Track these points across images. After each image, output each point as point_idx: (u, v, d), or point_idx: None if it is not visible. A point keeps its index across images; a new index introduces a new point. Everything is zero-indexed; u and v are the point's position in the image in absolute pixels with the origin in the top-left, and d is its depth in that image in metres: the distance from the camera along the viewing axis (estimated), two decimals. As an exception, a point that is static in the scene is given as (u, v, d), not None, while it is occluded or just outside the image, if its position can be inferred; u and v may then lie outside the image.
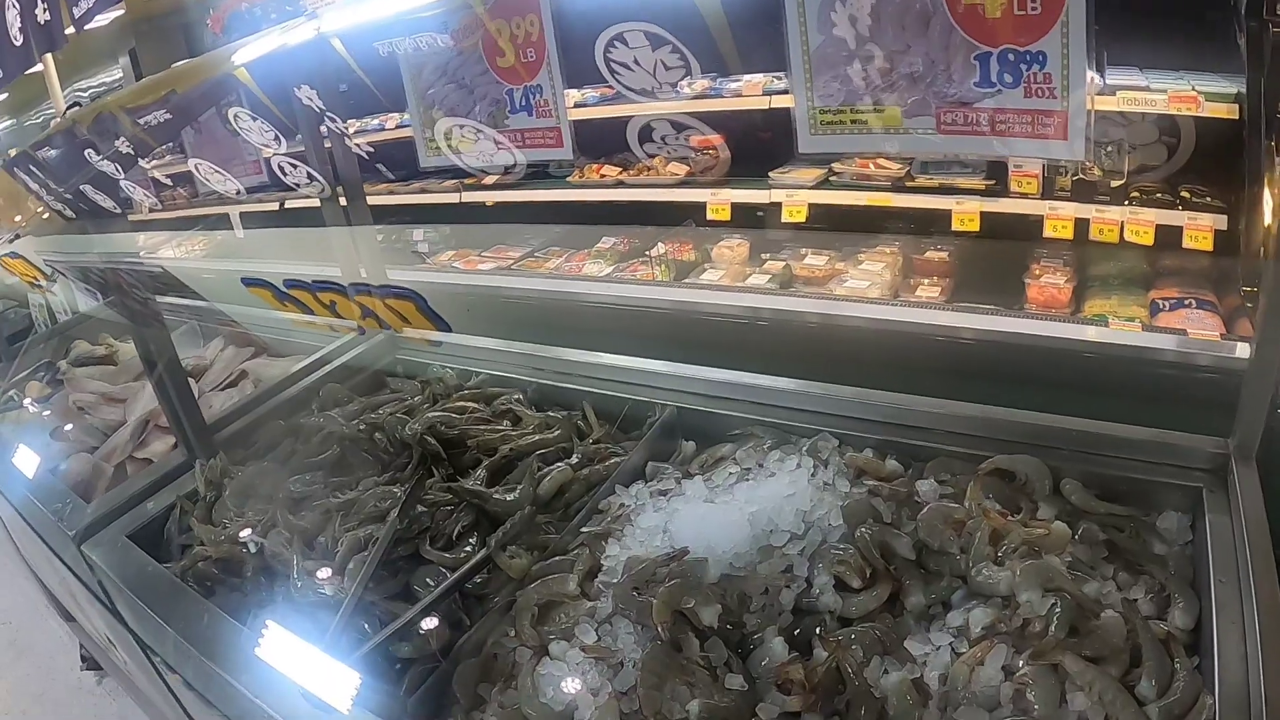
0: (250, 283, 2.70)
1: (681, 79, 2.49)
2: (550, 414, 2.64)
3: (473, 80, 2.59)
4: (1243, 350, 2.93)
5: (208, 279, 4.98)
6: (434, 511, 2.25)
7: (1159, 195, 3.62)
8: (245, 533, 2.37)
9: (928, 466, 2.19)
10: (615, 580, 1.93)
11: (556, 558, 2.06)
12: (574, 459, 2.41)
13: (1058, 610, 1.65)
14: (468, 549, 2.15)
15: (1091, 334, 3.30)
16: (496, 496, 2.24)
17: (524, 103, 2.52)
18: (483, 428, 2.58)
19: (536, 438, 2.49)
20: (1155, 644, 1.64)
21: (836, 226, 4.34)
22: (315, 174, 3.06)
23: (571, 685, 1.74)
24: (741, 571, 1.90)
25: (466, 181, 5.09)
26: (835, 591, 1.84)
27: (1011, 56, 1.82)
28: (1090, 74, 1.78)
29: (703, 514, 2.05)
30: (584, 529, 2.14)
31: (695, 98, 4.30)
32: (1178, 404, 2.94)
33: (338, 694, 1.71)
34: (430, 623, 1.96)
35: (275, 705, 1.82)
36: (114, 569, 2.39)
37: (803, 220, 4.27)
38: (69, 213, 3.88)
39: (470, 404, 2.73)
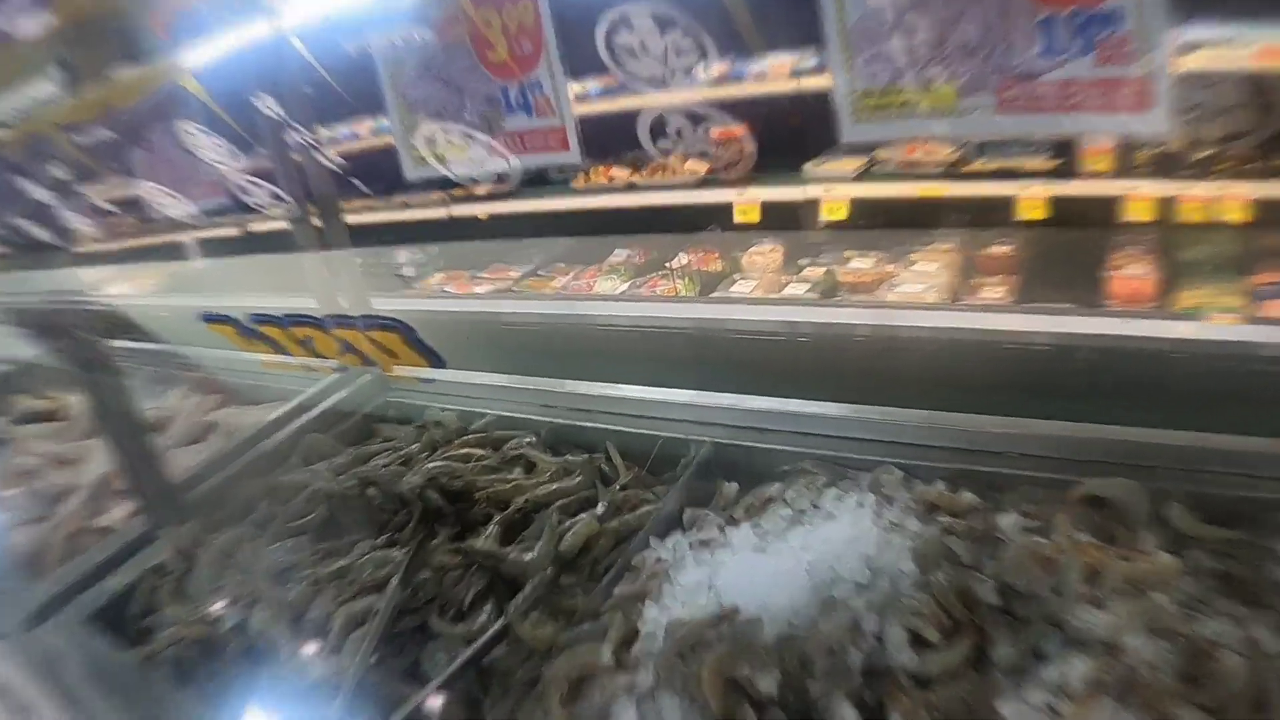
0: (212, 319, 2.72)
1: (696, 63, 2.49)
2: (569, 458, 2.64)
3: (461, 77, 2.60)
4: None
5: (164, 317, 5.00)
6: (441, 577, 2.25)
7: (1252, 165, 3.58)
8: (224, 610, 2.37)
9: (1007, 497, 2.16)
10: (656, 648, 1.91)
11: (586, 624, 2.05)
12: (599, 509, 2.39)
13: (1170, 656, 1.63)
14: (483, 619, 2.14)
15: (1192, 330, 3.28)
16: (513, 557, 2.23)
17: (521, 101, 2.53)
18: (492, 477, 2.57)
19: (555, 486, 2.48)
20: None
21: (883, 224, 4.34)
22: (280, 193, 3.06)
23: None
24: (801, 630, 1.87)
25: (455, 193, 5.09)
26: (911, 647, 1.81)
27: (1081, 19, 1.81)
28: (1174, 33, 1.77)
29: (753, 565, 2.03)
30: (616, 590, 2.13)
31: (713, 84, 4.32)
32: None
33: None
34: (443, 705, 1.95)
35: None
36: (73, 657, 2.36)
37: (844, 218, 4.26)
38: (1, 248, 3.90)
39: (476, 450, 2.73)
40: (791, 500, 2.27)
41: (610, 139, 4.75)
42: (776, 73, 4.27)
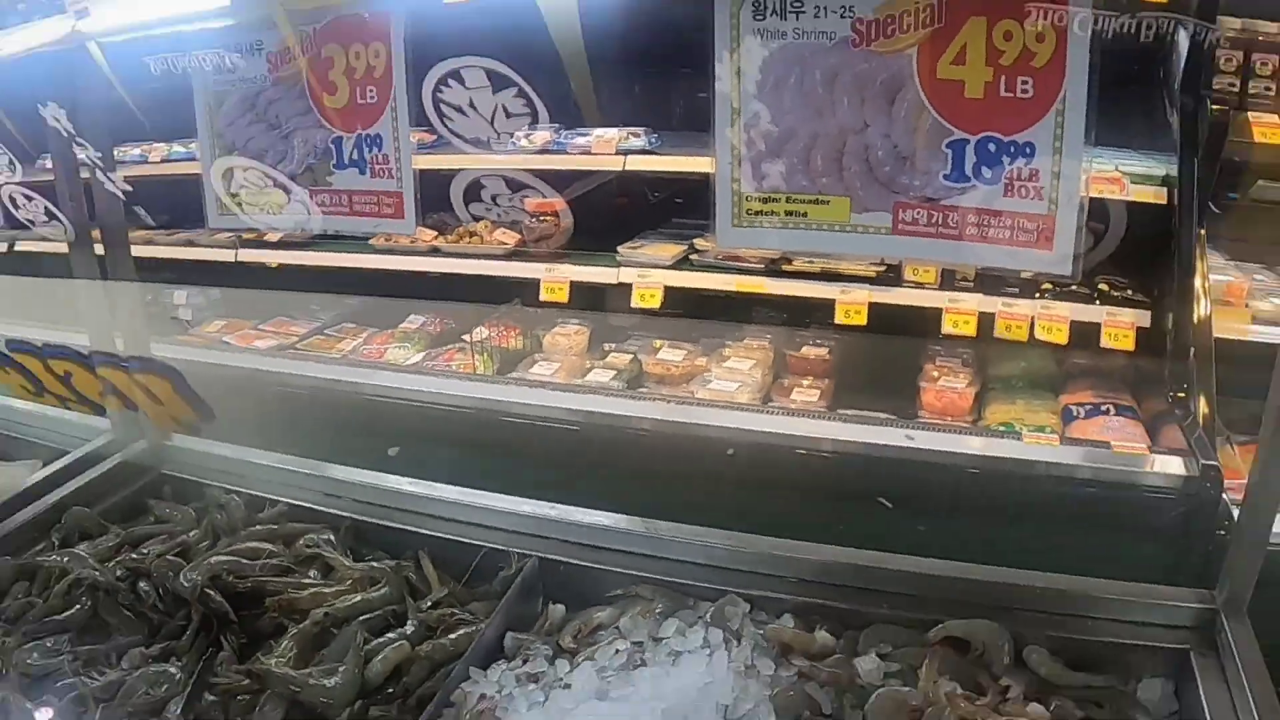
0: None
1: (523, 129, 2.32)
2: (374, 564, 2.37)
3: (289, 121, 2.34)
4: (1174, 465, 2.98)
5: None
6: (227, 702, 1.97)
7: (1075, 288, 3.65)
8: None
9: (863, 636, 2.07)
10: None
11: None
12: (409, 628, 2.14)
13: None
14: (282, 762, 1.86)
15: (1004, 449, 3.29)
16: (313, 682, 1.94)
17: (356, 156, 2.29)
18: (284, 580, 2.29)
19: (359, 598, 2.21)
20: None
21: (698, 314, 4.23)
22: (55, 211, 2.73)
23: None
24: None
25: (245, 236, 4.73)
26: (779, 813, 1.67)
27: (993, 146, 1.74)
28: (1085, 171, 1.71)
29: (599, 716, 1.83)
30: (437, 733, 1.87)
31: (536, 152, 4.12)
32: (1111, 529, 2.97)
33: None
34: None
35: None
36: None
37: (657, 306, 4.12)
38: None
39: (265, 545, 2.43)
40: (626, 630, 2.10)
41: (420, 197, 4.53)
42: (602, 148, 4.11)
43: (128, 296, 2.97)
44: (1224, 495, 2.82)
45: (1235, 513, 2.76)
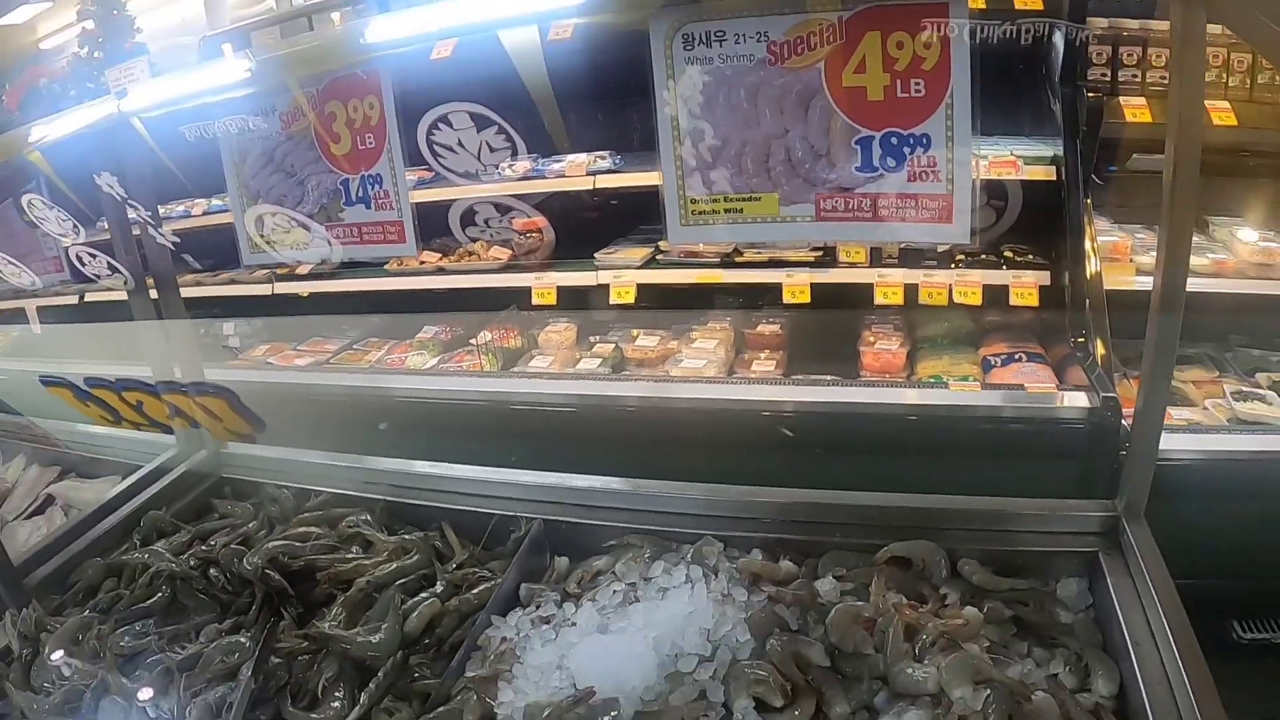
0: (49, 382, 2.54)
1: (505, 160, 2.34)
2: (405, 536, 2.37)
3: (303, 169, 2.37)
4: (1079, 399, 3.01)
5: (3, 380, 4.47)
6: (291, 663, 1.97)
7: (984, 256, 3.69)
8: (75, 699, 2.01)
9: (821, 562, 2.08)
10: (515, 732, 1.69)
11: (441, 708, 1.79)
12: (439, 587, 2.15)
13: (993, 703, 1.59)
14: (336, 704, 1.87)
15: (934, 397, 3.32)
16: (360, 639, 1.96)
17: (361, 194, 2.31)
18: (331, 556, 2.29)
19: (394, 565, 2.21)
20: (1087, 718, 1.63)
21: (667, 305, 4.25)
22: (118, 265, 2.75)
23: None
24: (655, 705, 1.71)
25: (279, 271, 4.77)
26: (758, 714, 1.68)
27: (894, 140, 1.76)
28: (974, 154, 1.73)
29: (602, 645, 1.84)
30: (467, 671, 1.89)
31: (519, 179, 4.14)
32: (1031, 457, 3.01)
33: None
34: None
35: None
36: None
37: (631, 301, 4.14)
38: None
39: (313, 529, 2.43)
40: (621, 573, 2.11)
41: (424, 226, 4.49)
42: (574, 170, 4.13)
43: (180, 331, 2.98)
44: (1123, 422, 2.86)
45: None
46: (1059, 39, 3.19)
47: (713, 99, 1.83)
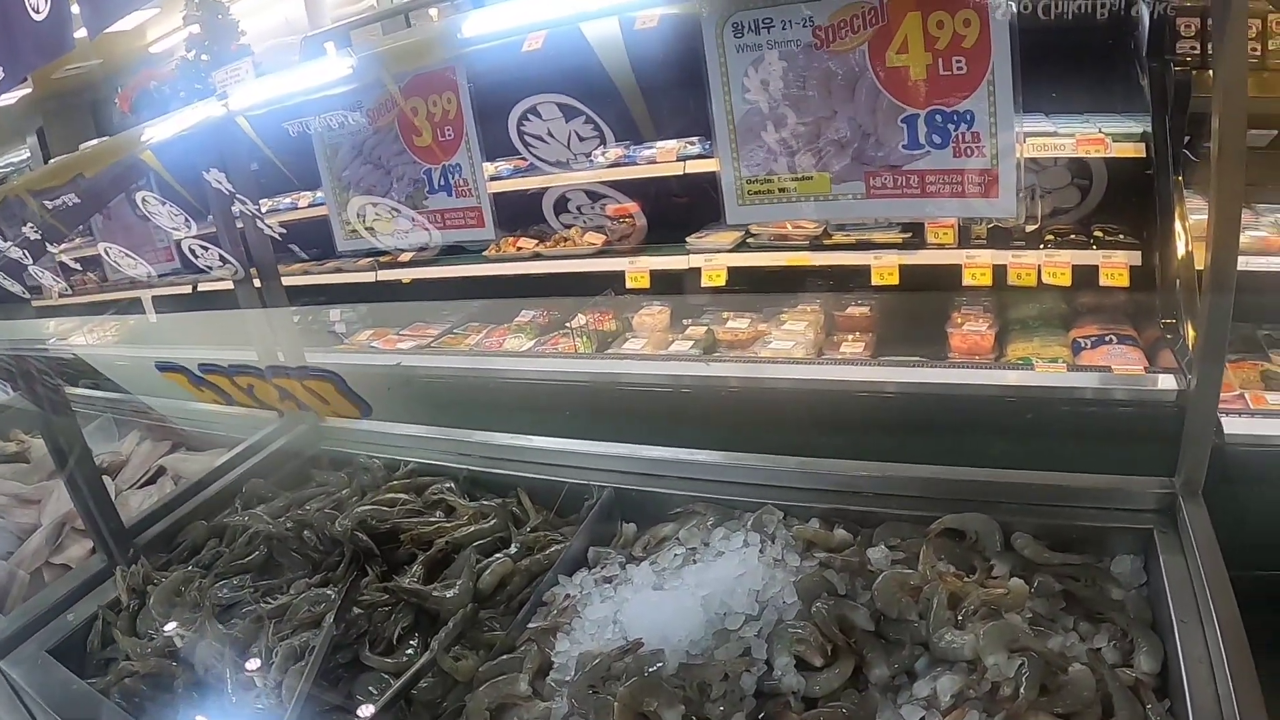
0: (164, 368, 2.63)
1: (595, 148, 2.45)
2: (484, 502, 2.54)
3: (389, 160, 2.53)
4: (1167, 382, 2.99)
5: (121, 365, 4.81)
6: (371, 613, 2.14)
7: (1073, 236, 3.68)
8: (173, 645, 2.23)
9: (876, 532, 2.14)
10: (568, 678, 1.83)
11: (504, 656, 1.95)
12: (513, 549, 2.30)
13: (1025, 671, 1.62)
14: (409, 652, 2.04)
15: (1019, 378, 3.33)
16: (436, 594, 2.13)
17: (443, 183, 2.47)
18: (415, 520, 2.46)
19: (472, 528, 2.38)
20: (1125, 692, 1.63)
21: (757, 288, 4.32)
22: (228, 256, 2.96)
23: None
24: (699, 659, 1.81)
25: (382, 259, 4.99)
26: (797, 672, 1.77)
27: (939, 117, 1.82)
28: (1018, 129, 1.79)
29: (653, 601, 1.96)
30: (531, 624, 2.04)
31: (610, 166, 4.27)
32: (1114, 440, 2.99)
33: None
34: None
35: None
36: (35, 688, 2.20)
37: (722, 284, 4.23)
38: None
39: (400, 495, 2.62)
40: (684, 539, 2.21)
41: (519, 213, 4.72)
42: (664, 157, 4.24)
43: (282, 319, 3.21)
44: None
45: (1222, 421, 2.78)
46: (1144, 12, 3.16)
47: (763, 84, 1.93)
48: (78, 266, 3.94)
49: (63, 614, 2.45)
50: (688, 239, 4.38)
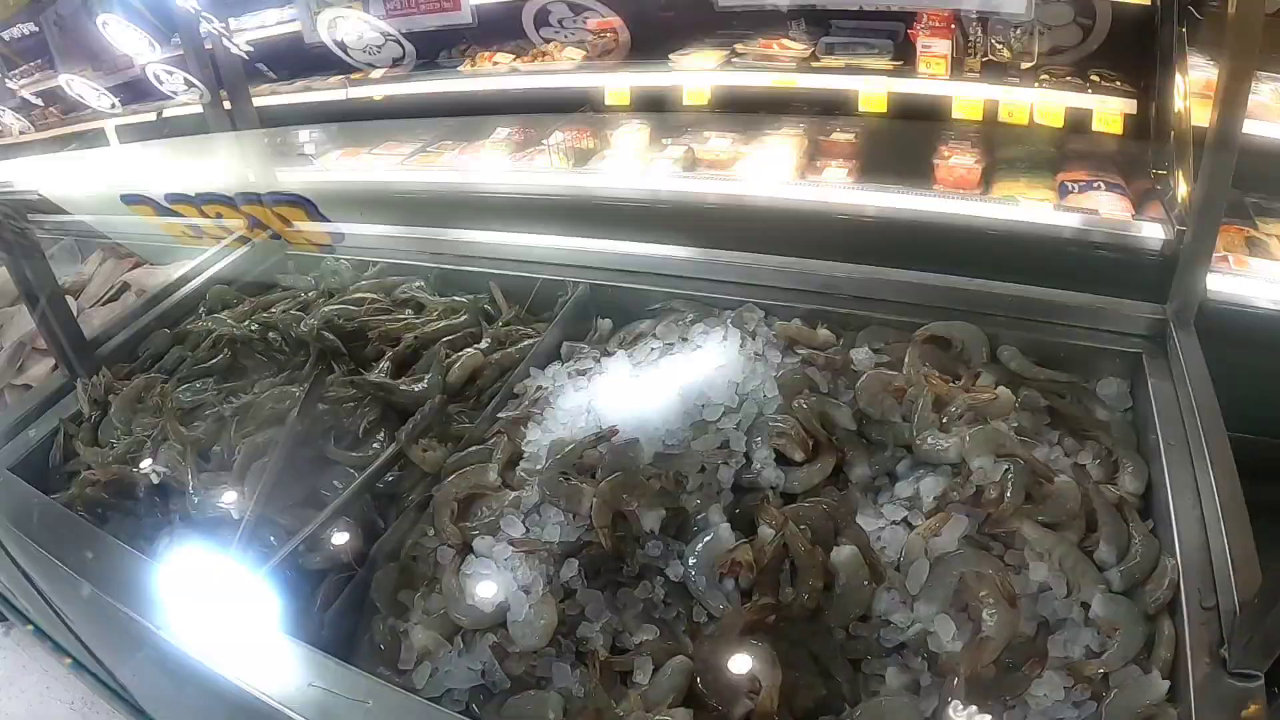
0: (131, 200, 2.49)
1: None
2: (455, 299, 2.44)
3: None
4: (1154, 230, 2.90)
5: (86, 200, 4.61)
6: (336, 409, 2.06)
7: (1069, 79, 3.51)
8: (134, 451, 2.15)
9: (860, 335, 2.07)
10: (539, 467, 1.76)
11: (473, 448, 1.87)
12: (484, 343, 2.22)
13: (1011, 476, 1.57)
14: (375, 446, 1.96)
15: (1004, 212, 3.23)
16: (404, 388, 2.05)
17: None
18: (384, 318, 2.38)
19: (442, 324, 2.29)
20: (1109, 509, 1.60)
21: (740, 110, 4.13)
22: (194, 79, 2.78)
23: (501, 583, 1.57)
24: (676, 449, 1.74)
25: (353, 77, 4.71)
26: (776, 466, 1.71)
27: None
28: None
29: (629, 391, 1.88)
30: (500, 415, 1.95)
31: (593, -23, 4.03)
32: (1094, 285, 2.90)
33: (245, 616, 1.55)
34: (341, 529, 1.77)
35: (179, 636, 1.59)
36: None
37: (705, 104, 4.04)
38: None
39: (369, 295, 2.52)
40: (662, 335, 2.12)
41: (499, 28, 4.48)
42: (651, -33, 4.00)
43: (253, 141, 3.03)
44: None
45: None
46: None
47: None
48: (39, 101, 3.74)
49: (23, 431, 2.35)
50: (670, 56, 4.16)
